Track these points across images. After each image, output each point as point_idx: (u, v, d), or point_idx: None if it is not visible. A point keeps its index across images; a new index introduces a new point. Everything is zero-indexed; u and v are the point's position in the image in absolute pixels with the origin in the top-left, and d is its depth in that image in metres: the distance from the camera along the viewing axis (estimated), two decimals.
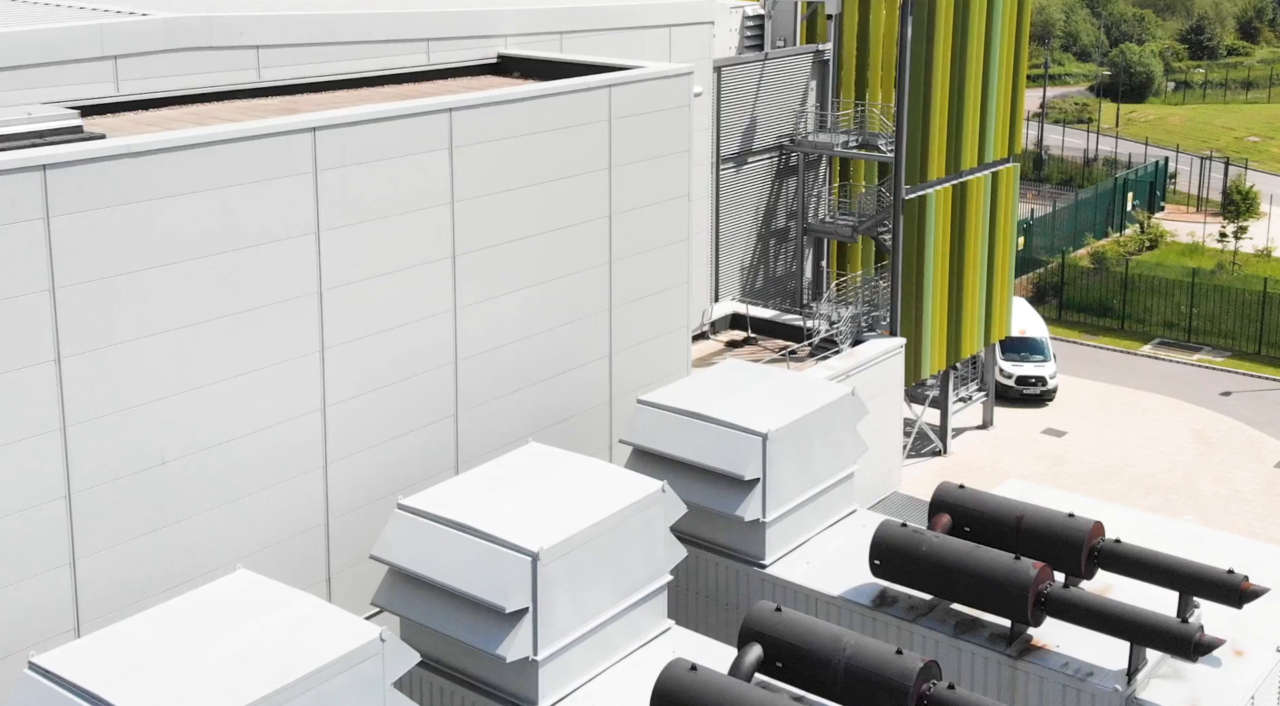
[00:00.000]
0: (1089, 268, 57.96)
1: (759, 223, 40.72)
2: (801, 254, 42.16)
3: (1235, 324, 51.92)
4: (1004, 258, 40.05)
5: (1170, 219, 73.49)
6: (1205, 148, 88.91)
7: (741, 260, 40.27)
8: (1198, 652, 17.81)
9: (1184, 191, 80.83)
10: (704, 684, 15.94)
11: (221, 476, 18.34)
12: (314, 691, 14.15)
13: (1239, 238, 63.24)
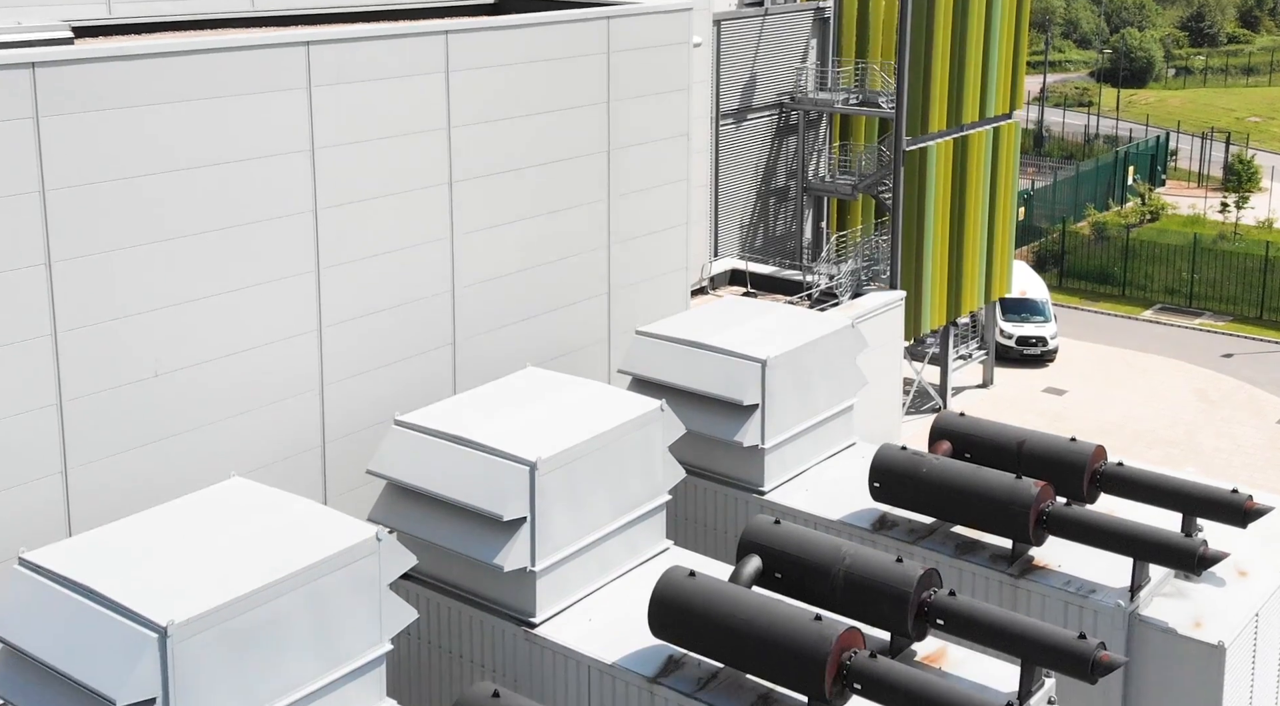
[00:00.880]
0: (1090, 236, 57.82)
1: (758, 181, 40.55)
2: (801, 213, 41.99)
3: (1237, 289, 51.78)
4: (1005, 215, 39.88)
5: (1171, 193, 73.31)
6: (1206, 127, 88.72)
7: (741, 218, 40.11)
8: (1202, 565, 17.66)
9: (1185, 168, 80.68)
10: (702, 589, 15.79)
11: (216, 393, 18.17)
12: (308, 587, 13.99)
13: (1240, 207, 63.05)
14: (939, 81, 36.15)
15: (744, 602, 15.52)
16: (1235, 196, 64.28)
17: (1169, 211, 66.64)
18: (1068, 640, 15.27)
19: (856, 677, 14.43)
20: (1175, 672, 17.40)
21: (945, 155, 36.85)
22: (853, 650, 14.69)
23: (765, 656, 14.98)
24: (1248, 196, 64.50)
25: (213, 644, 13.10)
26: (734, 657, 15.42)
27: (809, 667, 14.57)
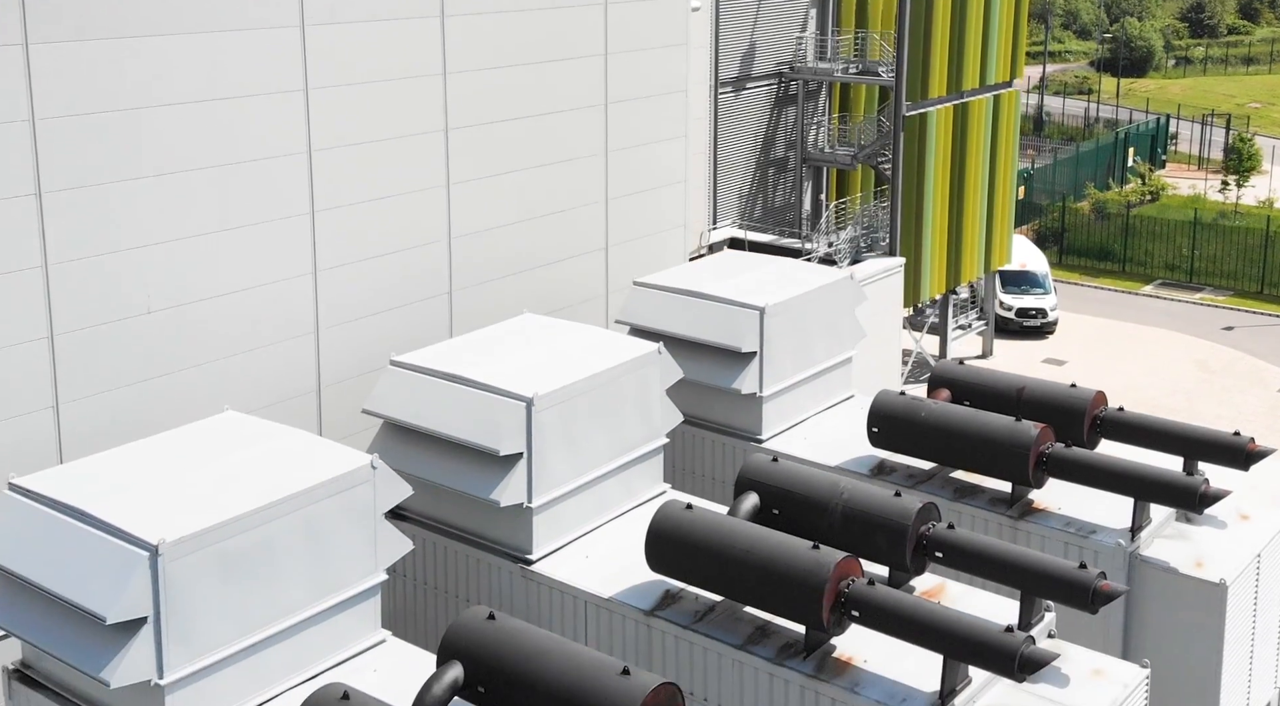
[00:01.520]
0: (1089, 215, 57.67)
1: (757, 151, 40.34)
2: (800, 185, 41.81)
3: (1237, 265, 51.63)
4: (1005, 184, 39.74)
5: (1171, 175, 73.13)
6: (1206, 112, 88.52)
7: (740, 187, 39.91)
8: (1203, 504, 17.53)
9: (1185, 152, 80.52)
10: (699, 520, 15.66)
11: (210, 332, 18.06)
12: (302, 512, 13.86)
13: (1241, 186, 62.87)
14: (939, 46, 36.01)
15: (741, 533, 15.38)
16: (1236, 177, 64.07)
17: (1169, 191, 66.46)
18: (1068, 570, 15.14)
19: (855, 605, 14.29)
20: (1176, 612, 17.26)
21: (945, 121, 36.71)
22: (850, 578, 14.55)
23: (762, 586, 14.84)
24: (1248, 174, 64.30)
25: (205, 565, 12.97)
26: (731, 589, 15.28)
27: (807, 596, 14.43)
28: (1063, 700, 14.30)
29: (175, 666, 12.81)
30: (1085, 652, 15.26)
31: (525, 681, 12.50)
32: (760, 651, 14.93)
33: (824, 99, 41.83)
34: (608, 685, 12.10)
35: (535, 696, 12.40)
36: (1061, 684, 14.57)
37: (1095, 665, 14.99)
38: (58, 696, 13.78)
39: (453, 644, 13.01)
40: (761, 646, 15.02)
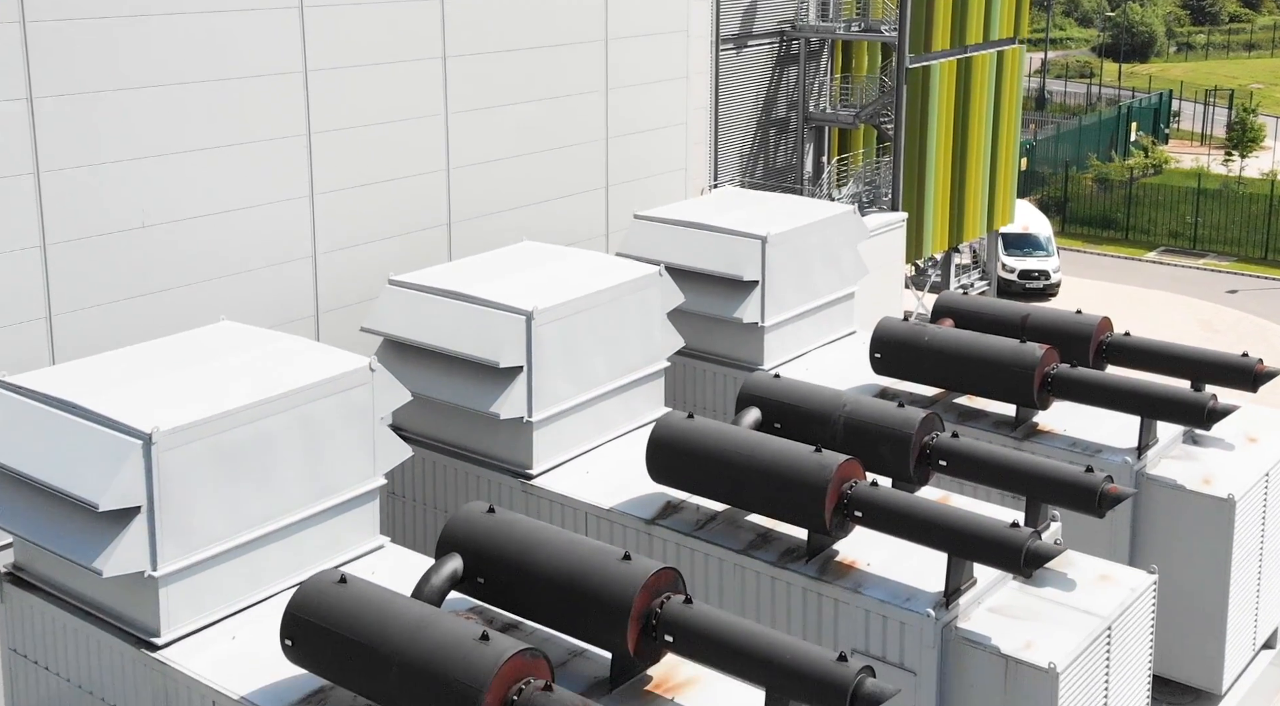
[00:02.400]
0: (1092, 186, 57.41)
1: (759, 110, 40.09)
2: (802, 146, 41.58)
3: (1241, 232, 51.39)
4: (1008, 142, 39.50)
5: (1174, 151, 72.83)
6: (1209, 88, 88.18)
7: (741, 147, 39.67)
8: (1211, 419, 17.33)
9: (1187, 129, 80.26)
10: (700, 428, 15.48)
11: (205, 250, 17.86)
12: (298, 410, 13.67)
13: (1245, 156, 62.60)
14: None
15: (743, 440, 15.20)
16: (1239, 148, 63.79)
17: (1172, 164, 66.17)
18: (1074, 474, 14.95)
19: (857, 506, 14.10)
20: (1184, 529, 17.06)
21: (948, 76, 36.46)
22: (853, 480, 14.37)
23: (764, 491, 14.65)
24: (1252, 146, 64.03)
25: (199, 457, 12.79)
26: (733, 495, 15.10)
27: (809, 498, 14.25)
28: (1069, 602, 14.11)
29: (169, 558, 12.63)
30: (1092, 559, 15.08)
31: (525, 570, 12.31)
32: (762, 556, 14.75)
33: (826, 58, 41.58)
34: (609, 570, 11.91)
35: (535, 584, 12.22)
36: (1068, 587, 14.39)
37: (1102, 571, 14.81)
38: (51, 597, 13.61)
39: (452, 537, 12.83)
40: (763, 551, 14.84)
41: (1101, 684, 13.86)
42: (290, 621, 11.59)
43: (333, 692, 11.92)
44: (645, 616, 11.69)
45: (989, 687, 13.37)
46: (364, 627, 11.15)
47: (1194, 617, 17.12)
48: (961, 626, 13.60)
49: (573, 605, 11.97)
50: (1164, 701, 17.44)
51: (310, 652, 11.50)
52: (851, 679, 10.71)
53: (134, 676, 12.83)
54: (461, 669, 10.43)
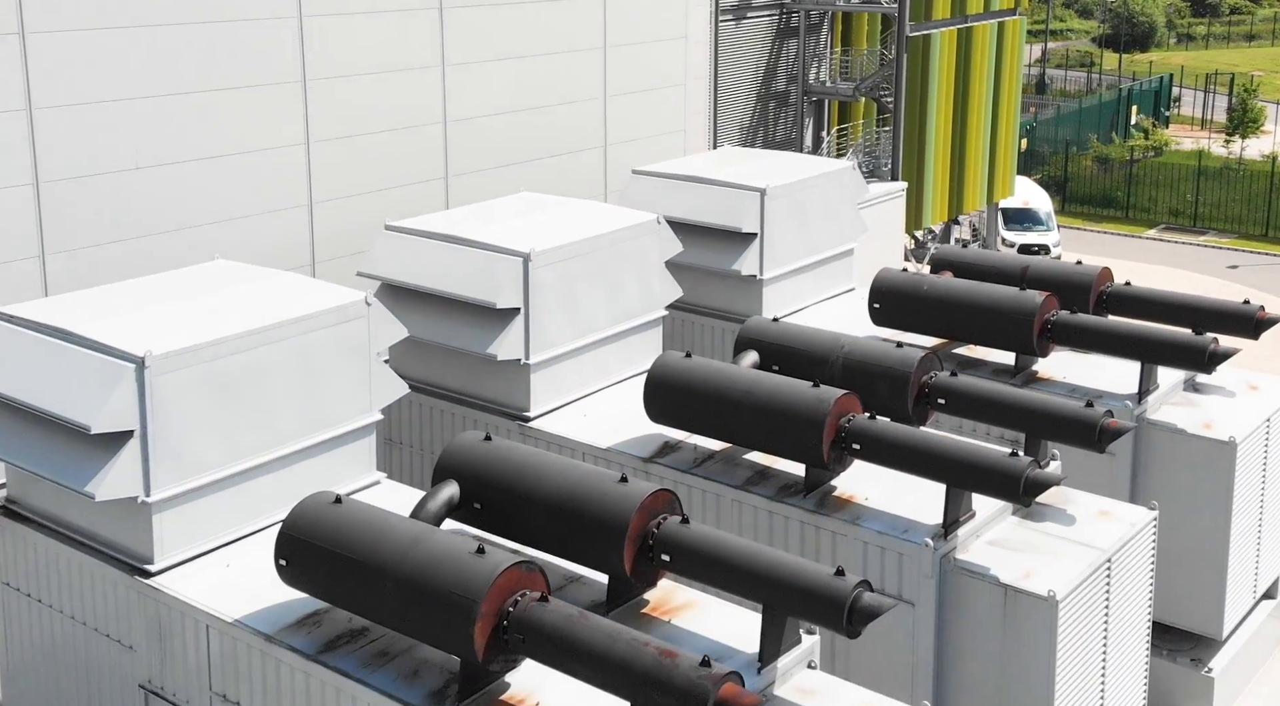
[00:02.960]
0: (1092, 167, 57.29)
1: (758, 83, 39.97)
2: (802, 120, 41.46)
3: (1242, 210, 51.28)
4: (1008, 114, 39.41)
5: (1174, 134, 72.69)
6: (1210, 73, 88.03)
7: (740, 120, 39.55)
8: (1213, 362, 17.24)
9: (1188, 115, 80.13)
10: (698, 366, 15.39)
11: (200, 195, 17.78)
12: (294, 340, 13.57)
13: (1246, 136, 62.46)
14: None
15: (740, 376, 15.12)
16: (1240, 128, 63.64)
17: (1172, 146, 66.04)
18: (1074, 408, 14.87)
19: (855, 438, 14.01)
20: (1184, 473, 16.97)
21: (949, 44, 36.37)
22: (850, 414, 14.28)
23: (762, 426, 14.56)
24: (1253, 126, 63.87)
25: (194, 382, 12.69)
26: (730, 432, 15.02)
27: (807, 432, 14.16)
28: (1069, 536, 14.03)
29: (163, 485, 12.55)
30: (1092, 497, 14.99)
31: (522, 494, 12.22)
32: (760, 491, 14.68)
33: (826, 32, 41.46)
34: (606, 492, 11.83)
35: (532, 508, 12.13)
36: (1067, 522, 14.30)
37: (1102, 507, 14.73)
38: (45, 528, 13.53)
39: (448, 464, 12.73)
40: (761, 487, 14.77)
41: (1101, 616, 13.78)
42: (285, 540, 11.51)
43: (328, 615, 11.84)
44: (642, 537, 11.61)
45: (987, 618, 13.29)
46: (359, 545, 11.07)
47: (1195, 563, 17.03)
48: (960, 558, 13.52)
49: (570, 527, 11.89)
50: (1164, 648, 17.39)
51: (305, 572, 11.42)
52: (849, 592, 10.62)
53: (127, 604, 12.75)
54: (457, 581, 10.35)
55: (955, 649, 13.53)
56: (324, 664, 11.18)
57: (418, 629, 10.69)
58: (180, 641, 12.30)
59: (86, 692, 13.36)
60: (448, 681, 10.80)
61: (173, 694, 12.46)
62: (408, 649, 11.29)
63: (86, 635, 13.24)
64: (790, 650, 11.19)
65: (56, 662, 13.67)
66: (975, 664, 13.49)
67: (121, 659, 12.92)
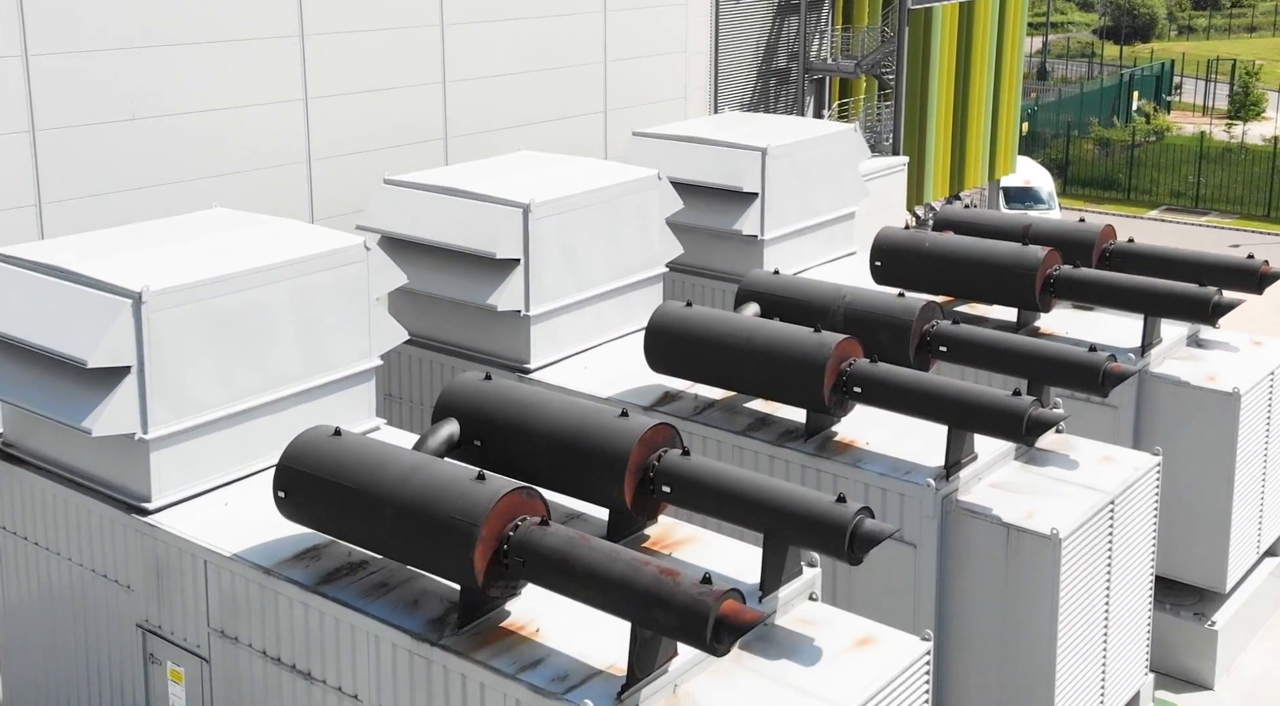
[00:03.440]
0: (1094, 150, 57.17)
1: (759, 60, 39.86)
2: (803, 98, 41.34)
3: (1244, 191, 51.18)
4: (1010, 90, 39.34)
5: (1176, 121, 72.55)
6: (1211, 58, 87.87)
7: (741, 98, 39.42)
8: (1216, 314, 17.15)
9: (1189, 102, 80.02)
10: (699, 314, 15.32)
11: (197, 148, 17.71)
12: (292, 282, 13.48)
13: (1248, 119, 62.35)
14: None
15: (742, 323, 15.04)
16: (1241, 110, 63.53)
17: (1174, 131, 65.90)
18: (1077, 353, 14.79)
19: (856, 382, 13.94)
20: (1188, 425, 16.89)
21: (951, 19, 36.29)
22: (851, 358, 14.20)
23: (763, 371, 14.49)
24: (1255, 108, 63.76)
25: (191, 320, 12.61)
26: (731, 378, 14.93)
27: (808, 376, 14.08)
28: (1072, 479, 13.95)
29: (160, 422, 12.46)
30: (1095, 443, 14.92)
31: (523, 430, 12.13)
32: (760, 436, 14.61)
33: (827, 9, 41.35)
34: (606, 425, 11.75)
35: (533, 443, 12.04)
36: (1070, 466, 14.23)
37: (1105, 453, 14.65)
38: (41, 470, 13.45)
39: (448, 402, 12.65)
40: (762, 432, 14.70)
41: (1104, 559, 13.70)
42: (283, 473, 11.43)
43: (327, 549, 11.77)
44: (642, 469, 11.52)
45: (989, 558, 13.21)
46: (358, 474, 10.99)
47: (1198, 515, 16.96)
48: (962, 499, 13.45)
49: (570, 461, 11.80)
50: (1167, 602, 17.32)
51: (303, 503, 11.34)
52: (850, 519, 10.54)
53: (125, 543, 12.67)
54: (457, 506, 10.26)
55: (957, 590, 13.45)
56: (323, 594, 11.10)
57: (418, 556, 10.62)
58: (178, 579, 12.22)
59: (84, 635, 13.29)
60: (448, 609, 10.72)
61: (170, 632, 12.39)
62: (407, 580, 11.22)
63: (83, 576, 13.17)
64: (791, 581, 11.10)
65: (53, 606, 13.59)
66: (977, 605, 13.41)
67: (119, 599, 12.84)
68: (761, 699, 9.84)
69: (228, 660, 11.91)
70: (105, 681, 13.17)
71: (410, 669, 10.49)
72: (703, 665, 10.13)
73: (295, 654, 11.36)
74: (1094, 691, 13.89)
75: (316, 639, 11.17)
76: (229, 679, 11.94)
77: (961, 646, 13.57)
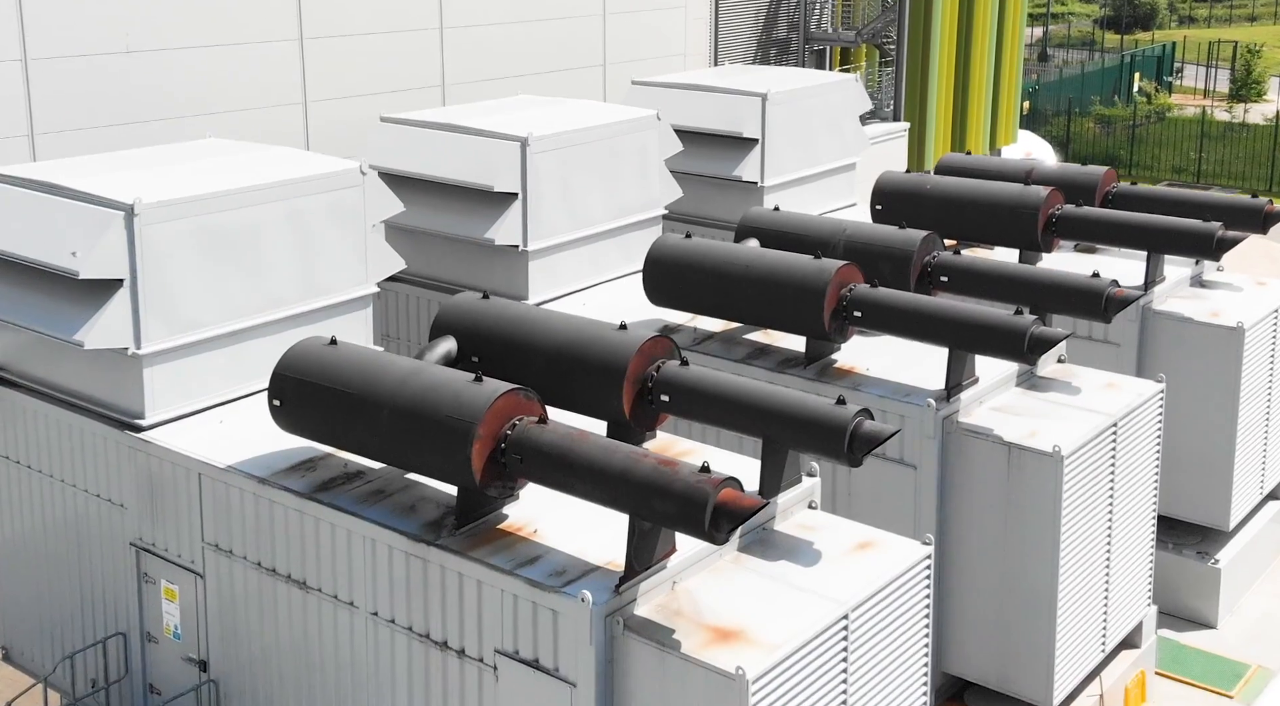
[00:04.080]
0: (1095, 128, 57.01)
1: (759, 30, 39.72)
2: (803, 67, 41.20)
3: (1246, 167, 51.03)
4: (1012, 60, 39.20)
5: (1177, 103, 72.32)
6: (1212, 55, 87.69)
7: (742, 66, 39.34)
8: (1220, 249, 17.01)
9: (1190, 86, 79.83)
10: (698, 244, 15.19)
11: (192, 83, 17.56)
12: (287, 203, 13.36)
13: (1249, 98, 62.14)
14: None
15: (741, 252, 14.92)
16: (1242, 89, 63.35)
17: (1175, 111, 65.71)
18: (1079, 279, 14.65)
19: (856, 306, 13.80)
20: (1191, 361, 16.74)
21: None
22: (851, 284, 14.07)
23: (762, 298, 14.34)
24: (1257, 86, 63.54)
25: (184, 235, 12.48)
26: (731, 307, 14.78)
27: (808, 301, 13.95)
28: (1075, 403, 13.82)
29: (153, 338, 12.34)
30: (1098, 372, 14.80)
31: (520, 345, 11.99)
32: (761, 364, 14.49)
33: None
34: (605, 337, 11.62)
35: (531, 357, 11.89)
36: (1073, 392, 14.10)
37: (1108, 380, 14.53)
38: (35, 392, 13.32)
39: (445, 320, 12.49)
40: (762, 360, 14.58)
41: (1107, 482, 13.57)
42: (278, 381, 11.30)
43: (323, 461, 11.65)
44: (641, 379, 11.39)
45: (990, 478, 13.09)
46: (355, 379, 10.86)
47: (1202, 453, 16.83)
48: (963, 420, 13.32)
49: (569, 374, 11.67)
50: (1170, 541, 17.19)
51: (299, 410, 11.20)
52: (849, 420, 10.42)
53: (118, 461, 12.54)
54: (455, 406, 10.14)
55: (958, 512, 13.32)
56: (319, 501, 10.98)
57: (415, 458, 10.49)
58: (172, 494, 12.09)
59: (78, 557, 13.17)
60: (444, 514, 10.60)
61: (165, 549, 12.26)
62: (404, 488, 11.10)
63: (76, 497, 13.05)
64: (791, 488, 10.97)
65: (47, 531, 13.47)
66: (979, 527, 13.28)
67: (112, 519, 12.72)
68: (760, 595, 9.72)
69: (222, 575, 11.79)
70: (99, 605, 13.05)
71: (407, 570, 10.37)
72: (702, 564, 10.01)
73: (290, 563, 11.23)
74: (1096, 616, 13.77)
75: (312, 547, 11.05)
76: (224, 594, 11.82)
77: (962, 568, 13.44)
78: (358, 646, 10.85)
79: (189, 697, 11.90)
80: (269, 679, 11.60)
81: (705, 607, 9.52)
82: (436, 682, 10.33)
